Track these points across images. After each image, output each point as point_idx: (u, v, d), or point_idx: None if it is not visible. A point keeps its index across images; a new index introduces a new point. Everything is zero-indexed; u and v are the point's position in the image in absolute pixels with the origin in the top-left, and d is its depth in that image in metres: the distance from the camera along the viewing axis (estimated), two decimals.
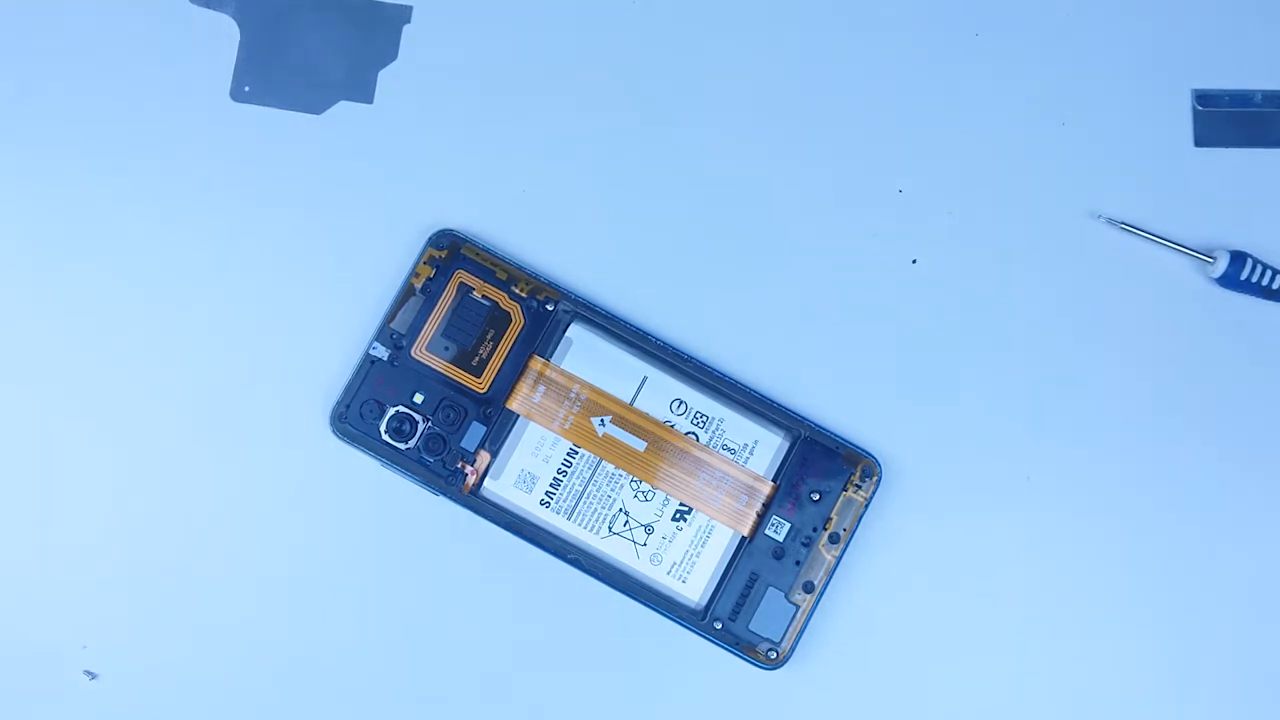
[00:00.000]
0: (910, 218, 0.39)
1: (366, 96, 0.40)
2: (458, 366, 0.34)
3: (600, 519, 0.34)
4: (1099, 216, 0.39)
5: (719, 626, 0.34)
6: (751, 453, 0.33)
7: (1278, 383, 0.39)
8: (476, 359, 0.34)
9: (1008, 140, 0.40)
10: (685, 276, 0.39)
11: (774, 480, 0.33)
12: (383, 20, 0.41)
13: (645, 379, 0.33)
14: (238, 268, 0.39)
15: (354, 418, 0.35)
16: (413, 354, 0.34)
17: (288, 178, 0.39)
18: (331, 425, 0.35)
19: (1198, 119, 0.40)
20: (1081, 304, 0.39)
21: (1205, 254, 0.38)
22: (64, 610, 0.36)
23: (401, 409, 0.35)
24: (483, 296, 0.34)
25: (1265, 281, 0.38)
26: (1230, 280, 0.38)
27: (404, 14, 0.41)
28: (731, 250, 0.39)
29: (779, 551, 0.33)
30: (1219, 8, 0.41)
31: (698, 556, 0.34)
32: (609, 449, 0.33)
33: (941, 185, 0.40)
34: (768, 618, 0.34)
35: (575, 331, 0.34)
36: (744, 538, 0.34)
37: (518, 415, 0.34)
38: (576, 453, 0.34)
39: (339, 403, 0.35)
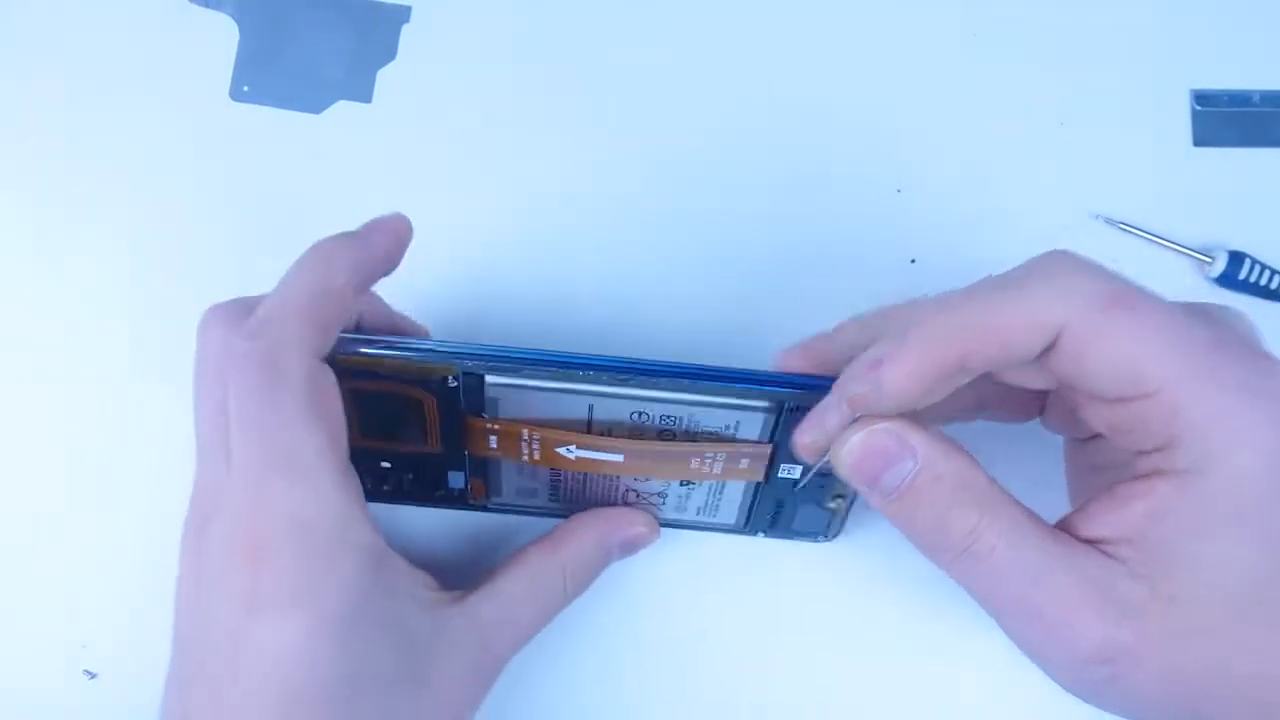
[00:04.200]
0: (910, 218, 0.39)
1: (365, 96, 0.40)
2: (400, 442, 0.32)
3: (612, 499, 0.34)
4: (1097, 216, 0.39)
5: (762, 535, 0.34)
6: (736, 431, 0.30)
7: None
8: (414, 432, 0.31)
9: (1007, 140, 0.40)
10: (685, 275, 0.39)
11: (771, 440, 0.30)
12: (382, 20, 0.41)
13: (591, 405, 0.30)
14: (237, 268, 0.39)
15: None
16: (353, 444, 0.29)
17: (287, 177, 0.39)
18: None
19: (1196, 119, 0.40)
20: None
21: (1204, 254, 0.38)
22: (64, 610, 0.36)
23: (379, 474, 0.33)
24: (379, 391, 0.30)
25: (1264, 281, 0.38)
26: (1229, 280, 0.38)
27: (403, 14, 0.41)
28: (731, 250, 0.39)
29: (798, 485, 0.32)
30: (1218, 8, 0.41)
31: (719, 502, 0.33)
32: (588, 465, 0.31)
33: (941, 185, 0.40)
34: (807, 521, 0.34)
35: (494, 387, 0.29)
36: (759, 483, 0.32)
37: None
38: (559, 472, 0.33)
39: None
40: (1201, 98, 0.40)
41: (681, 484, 0.32)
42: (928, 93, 0.40)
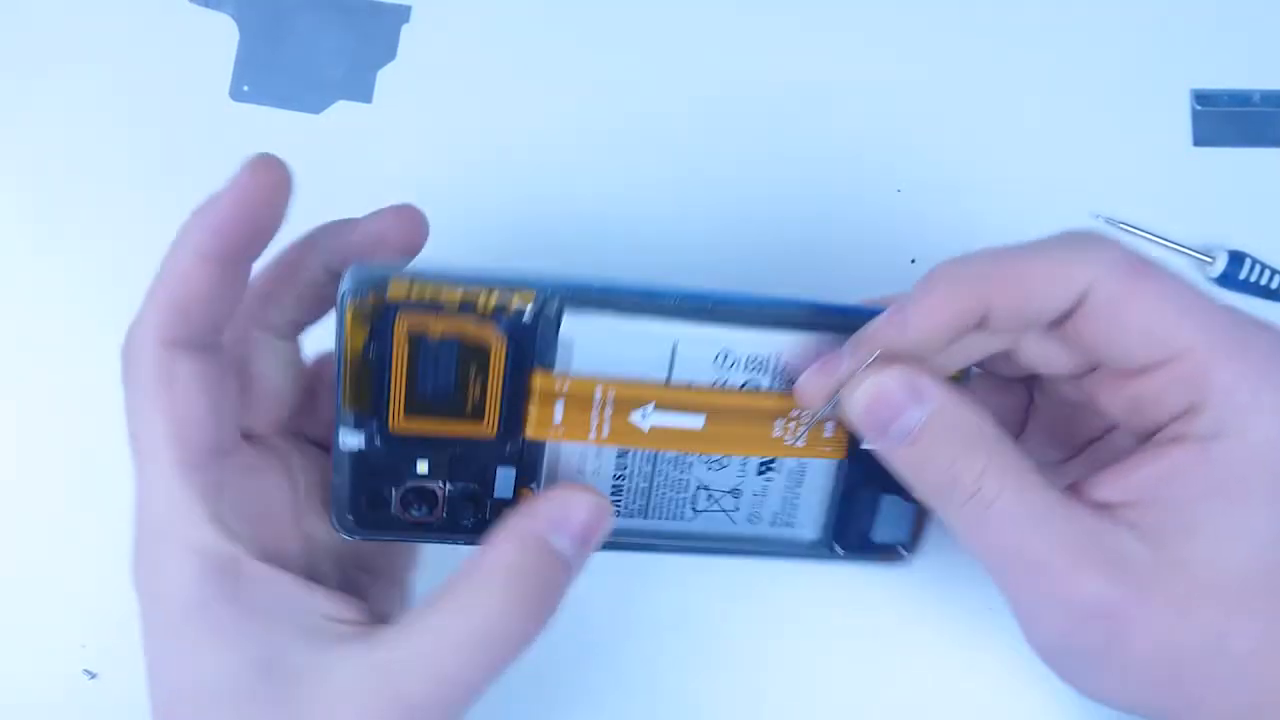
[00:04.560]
0: (910, 218, 0.39)
1: (365, 96, 0.40)
2: (451, 420, 0.27)
3: (679, 505, 0.30)
4: (1097, 216, 0.39)
5: (841, 553, 0.31)
6: None
7: None
8: (469, 404, 0.27)
9: (1007, 140, 0.40)
10: (685, 277, 0.39)
11: None
12: (382, 20, 0.41)
13: (675, 345, 0.27)
14: None
15: (360, 514, 0.28)
16: (392, 430, 0.26)
17: None
18: (340, 528, 0.28)
19: (1196, 119, 0.40)
20: None
21: (1204, 254, 0.38)
22: (64, 610, 0.36)
23: (409, 486, 0.28)
24: (442, 335, 0.26)
25: (1264, 281, 0.38)
26: (1229, 280, 0.38)
27: (403, 14, 0.41)
28: (732, 251, 0.39)
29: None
30: (1218, 8, 0.41)
31: (797, 499, 0.30)
32: (662, 439, 0.28)
33: (942, 185, 0.40)
34: (889, 523, 0.31)
35: (571, 325, 0.26)
36: (840, 461, 0.30)
37: (545, 442, 0.28)
38: (627, 453, 0.28)
39: (334, 511, 0.28)
40: (1202, 97, 0.40)
41: (760, 471, 0.29)
42: (928, 93, 0.40)
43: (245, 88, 0.40)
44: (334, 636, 0.25)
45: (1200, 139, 0.40)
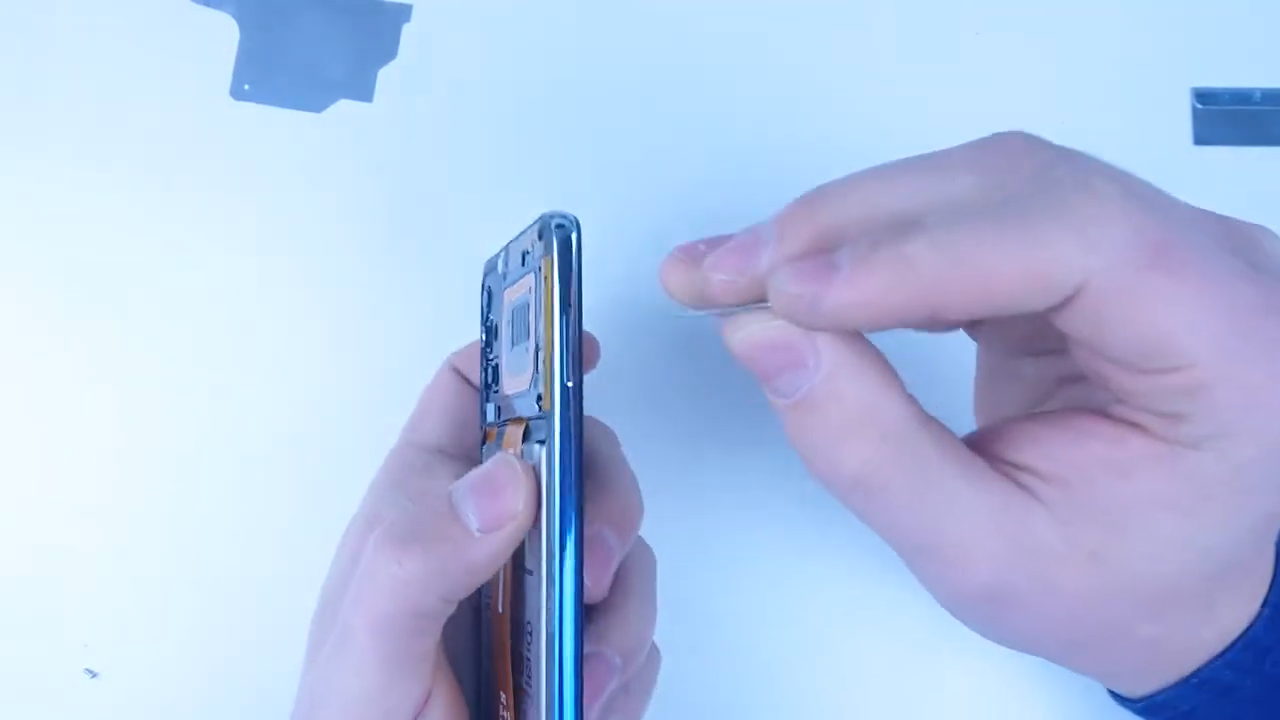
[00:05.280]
0: None
1: (366, 95, 0.40)
2: (506, 354, 0.28)
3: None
4: None
5: None
6: None
7: None
8: (513, 364, 0.27)
9: None
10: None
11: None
12: (383, 19, 0.41)
13: None
14: (237, 267, 0.39)
15: (483, 291, 0.30)
16: (504, 293, 0.27)
17: (287, 177, 0.39)
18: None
19: (1197, 117, 0.40)
20: None
21: None
22: (64, 610, 0.36)
23: (492, 317, 0.29)
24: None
25: None
26: None
27: (404, 13, 0.41)
28: None
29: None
30: (1218, 7, 0.41)
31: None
32: None
33: None
34: None
35: None
36: None
37: (503, 442, 0.27)
38: None
39: (484, 266, 0.30)
40: (1202, 96, 0.40)
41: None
42: (929, 91, 0.40)
43: (246, 86, 0.40)
44: None
45: (1201, 138, 0.40)
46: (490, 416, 0.30)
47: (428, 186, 0.39)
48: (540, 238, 0.25)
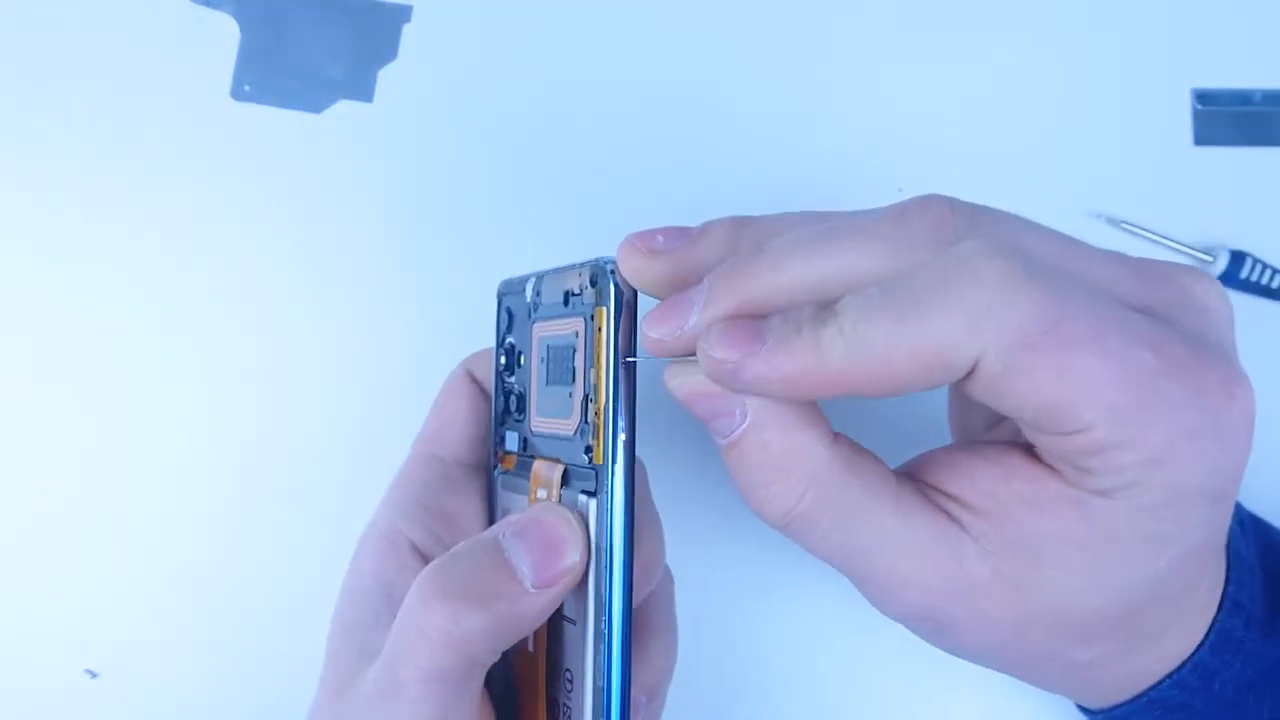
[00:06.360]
0: None
1: (366, 95, 0.40)
2: (536, 389, 0.27)
3: None
4: (1098, 216, 0.39)
5: None
6: None
7: (1278, 381, 0.39)
8: (548, 402, 0.26)
9: (1008, 138, 0.40)
10: None
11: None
12: (383, 19, 0.41)
13: None
14: (237, 266, 0.39)
15: (501, 311, 0.29)
16: (534, 326, 0.26)
17: (288, 177, 0.39)
18: None
19: (1197, 118, 0.40)
20: None
21: (1205, 253, 0.38)
22: (64, 610, 0.36)
23: (513, 342, 0.28)
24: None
25: (1265, 281, 0.38)
26: (1230, 279, 0.38)
27: (404, 13, 0.41)
28: None
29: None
30: (1219, 7, 0.41)
31: None
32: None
33: (942, 185, 0.39)
34: None
35: None
36: None
37: (529, 475, 0.27)
38: None
39: (501, 286, 0.29)
40: (1203, 97, 0.40)
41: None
42: (929, 91, 0.40)
43: (246, 87, 0.40)
44: None
45: (1201, 138, 0.40)
46: (511, 445, 0.29)
47: (428, 187, 0.39)
48: (594, 284, 0.24)
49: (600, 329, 0.24)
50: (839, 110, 0.40)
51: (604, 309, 0.24)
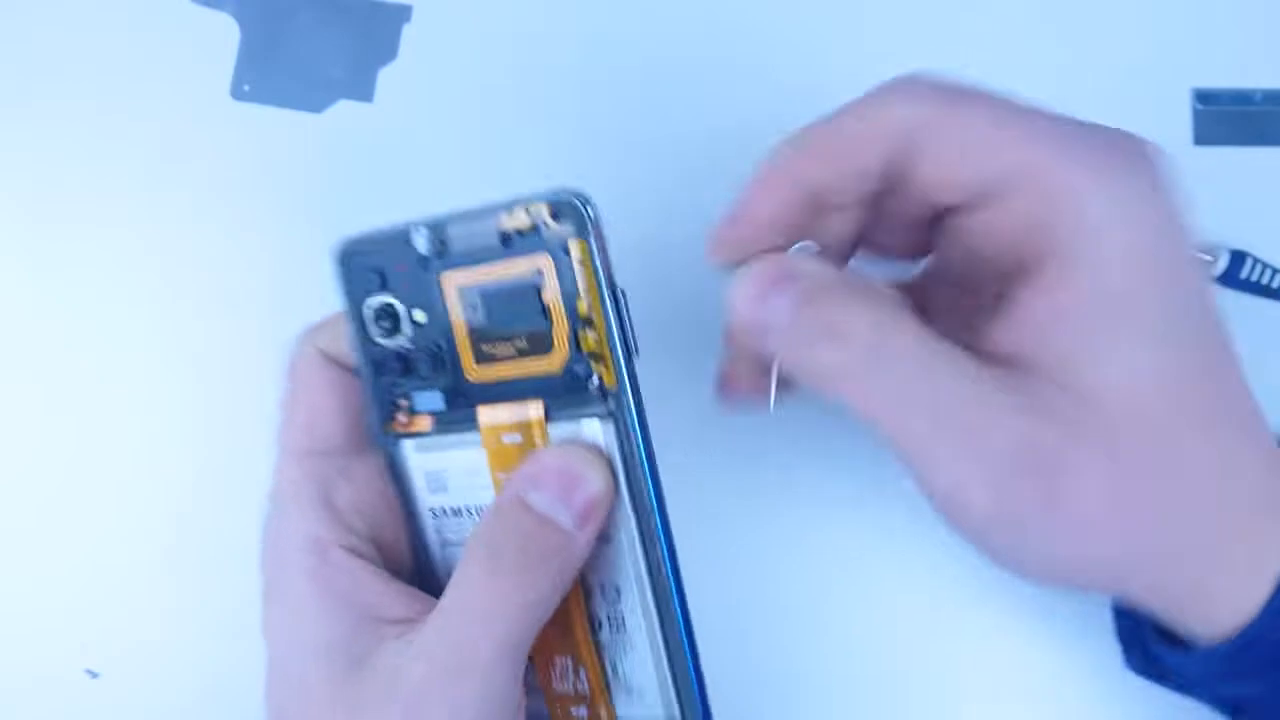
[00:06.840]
0: None
1: (367, 95, 0.40)
2: (468, 338, 0.26)
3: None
4: None
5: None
6: None
7: (1278, 381, 0.39)
8: (492, 348, 0.26)
9: None
10: (684, 275, 0.39)
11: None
12: (383, 19, 0.41)
13: None
14: (237, 266, 0.39)
15: (356, 272, 0.28)
16: (440, 276, 0.26)
17: (287, 177, 0.39)
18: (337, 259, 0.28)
19: (1197, 118, 0.40)
20: None
21: (1205, 253, 0.38)
22: (64, 610, 0.36)
23: (389, 302, 0.28)
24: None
25: (1266, 280, 0.38)
26: (1230, 279, 0.38)
27: (404, 13, 0.41)
28: None
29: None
30: (1219, 7, 0.41)
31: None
32: None
33: None
34: None
35: None
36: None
37: (478, 425, 0.27)
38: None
39: (345, 247, 0.28)
40: (1203, 96, 0.40)
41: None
42: None
43: (246, 87, 0.40)
44: (385, 632, 0.25)
45: (1201, 138, 0.40)
46: (428, 405, 0.27)
47: (428, 186, 0.39)
48: (556, 219, 0.25)
49: (584, 261, 0.25)
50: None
51: (584, 240, 0.25)
